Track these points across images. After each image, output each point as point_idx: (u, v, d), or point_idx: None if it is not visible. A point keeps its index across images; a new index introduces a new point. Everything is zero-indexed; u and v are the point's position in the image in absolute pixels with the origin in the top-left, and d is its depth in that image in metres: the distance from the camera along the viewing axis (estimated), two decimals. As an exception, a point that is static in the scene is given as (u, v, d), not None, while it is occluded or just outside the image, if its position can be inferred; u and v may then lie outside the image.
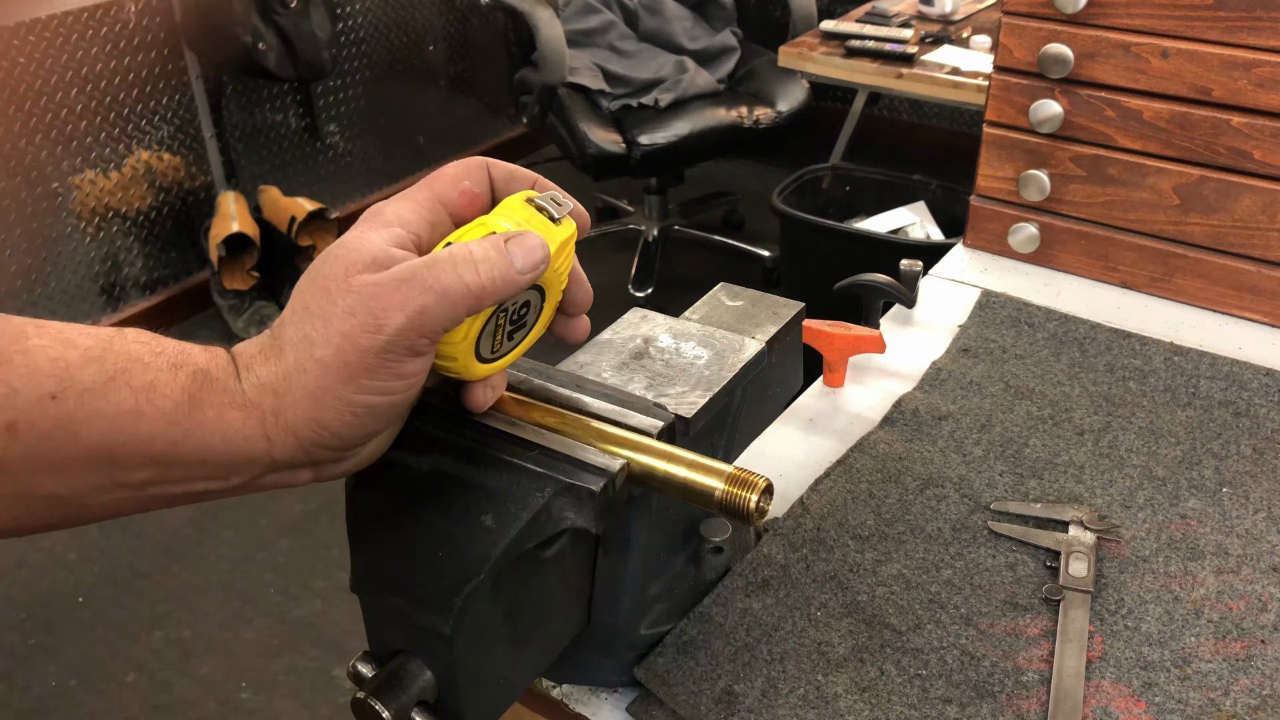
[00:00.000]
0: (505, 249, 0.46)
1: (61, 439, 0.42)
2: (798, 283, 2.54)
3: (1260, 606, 0.67)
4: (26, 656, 1.99)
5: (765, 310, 0.69)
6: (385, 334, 0.43)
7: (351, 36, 3.24)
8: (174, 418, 0.44)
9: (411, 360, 0.45)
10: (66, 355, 0.43)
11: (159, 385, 0.44)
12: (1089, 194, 1.00)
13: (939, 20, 2.57)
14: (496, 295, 0.45)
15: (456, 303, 0.44)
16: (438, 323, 0.44)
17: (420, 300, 0.44)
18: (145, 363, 0.44)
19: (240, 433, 0.45)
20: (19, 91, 2.53)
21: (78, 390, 0.42)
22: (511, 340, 0.51)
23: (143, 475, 0.44)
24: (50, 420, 0.42)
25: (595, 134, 2.69)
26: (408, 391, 0.46)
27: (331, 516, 2.31)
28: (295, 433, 0.45)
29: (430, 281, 0.44)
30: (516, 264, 0.46)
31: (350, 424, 0.45)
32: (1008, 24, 0.99)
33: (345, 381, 0.44)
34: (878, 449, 0.81)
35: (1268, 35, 0.87)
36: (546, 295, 0.51)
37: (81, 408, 0.42)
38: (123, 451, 0.43)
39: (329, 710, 1.88)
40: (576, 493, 0.50)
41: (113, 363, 0.44)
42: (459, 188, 0.50)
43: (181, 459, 0.44)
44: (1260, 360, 0.90)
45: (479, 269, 0.45)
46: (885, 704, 0.61)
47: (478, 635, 0.50)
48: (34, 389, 0.42)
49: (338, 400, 0.44)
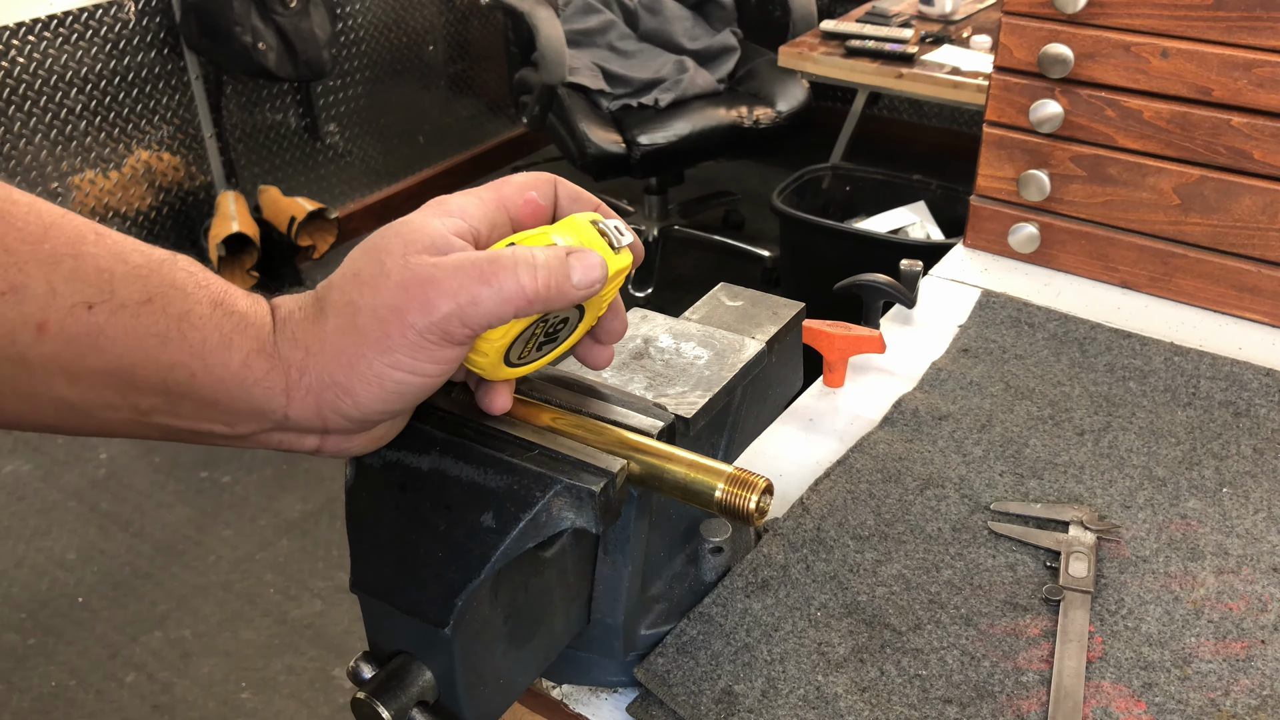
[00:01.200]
0: (567, 261, 0.46)
1: (86, 348, 0.42)
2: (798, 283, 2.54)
3: (1260, 607, 0.67)
4: (26, 656, 1.99)
5: (765, 310, 0.69)
6: (433, 316, 0.44)
7: (351, 36, 3.24)
8: (200, 351, 0.44)
9: (449, 347, 0.45)
10: (114, 268, 0.43)
11: (193, 317, 0.44)
12: (1089, 194, 1.00)
13: (939, 20, 2.57)
14: (547, 304, 0.46)
15: (508, 300, 0.44)
16: (485, 317, 0.44)
17: (474, 291, 0.44)
18: (187, 292, 0.45)
19: (261, 383, 0.45)
20: (19, 91, 2.53)
21: (114, 304, 0.43)
22: (540, 351, 0.51)
23: (152, 401, 0.45)
24: (81, 327, 0.42)
25: (595, 134, 2.69)
26: (438, 377, 0.46)
27: (331, 516, 2.31)
28: (317, 394, 0.45)
29: (489, 275, 0.44)
30: (575, 278, 0.46)
31: (376, 396, 0.45)
32: (1008, 24, 0.99)
33: (382, 353, 0.44)
34: (878, 449, 0.81)
35: (1268, 35, 0.87)
36: (585, 316, 0.52)
37: (113, 322, 0.43)
38: (141, 373, 0.44)
39: (329, 710, 1.88)
40: (576, 493, 0.50)
41: (155, 285, 0.44)
42: (525, 196, 0.50)
43: (195, 394, 0.45)
44: (1260, 360, 0.90)
45: (538, 274, 0.45)
46: (885, 704, 0.61)
47: (477, 635, 0.50)
48: (73, 295, 0.42)
49: (369, 369, 0.45)
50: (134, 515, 2.32)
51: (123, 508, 2.33)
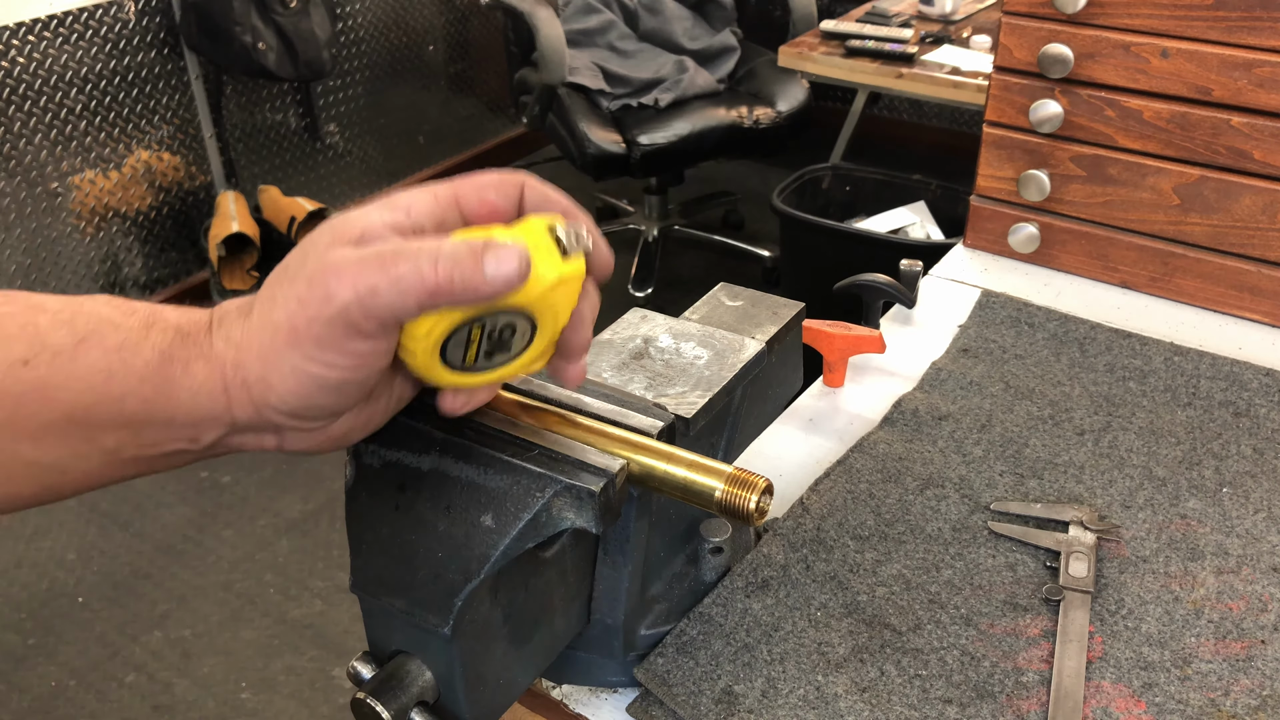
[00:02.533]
0: (480, 254, 0.44)
1: (36, 404, 0.43)
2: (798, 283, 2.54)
3: (1260, 607, 0.67)
4: (26, 657, 1.99)
5: (765, 310, 0.69)
6: (331, 306, 0.42)
7: (351, 36, 3.24)
8: (145, 374, 0.44)
9: (359, 340, 0.43)
10: (36, 320, 0.43)
11: (130, 344, 0.44)
12: (1089, 194, 1.00)
13: (939, 20, 2.57)
14: (454, 296, 0.43)
15: (407, 292, 0.43)
16: (386, 308, 0.43)
17: (373, 280, 0.42)
18: (116, 324, 0.44)
19: (204, 387, 0.45)
20: (19, 91, 2.53)
21: (49, 354, 0.43)
22: (490, 360, 0.49)
23: (117, 438, 0.45)
24: (23, 385, 0.42)
25: (595, 134, 2.69)
26: (357, 371, 0.45)
27: (331, 517, 2.31)
28: (249, 390, 0.45)
29: (389, 264, 0.43)
30: (487, 270, 0.43)
31: (295, 392, 0.44)
32: (1008, 24, 0.98)
33: (292, 346, 0.43)
34: (878, 449, 0.81)
35: (1268, 35, 0.87)
36: (539, 327, 0.48)
37: (54, 371, 0.43)
38: (96, 413, 0.44)
39: (328, 710, 1.88)
40: (576, 493, 0.50)
41: (83, 325, 0.44)
42: (482, 196, 0.49)
43: (153, 418, 0.45)
44: (1260, 360, 0.90)
45: (440, 264, 0.43)
46: (885, 704, 0.61)
47: (477, 635, 0.50)
48: (5, 356, 0.42)
49: (284, 363, 0.44)
50: (134, 515, 2.32)
51: (122, 508, 2.33)
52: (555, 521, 0.50)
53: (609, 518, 0.51)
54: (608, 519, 0.51)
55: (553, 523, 0.50)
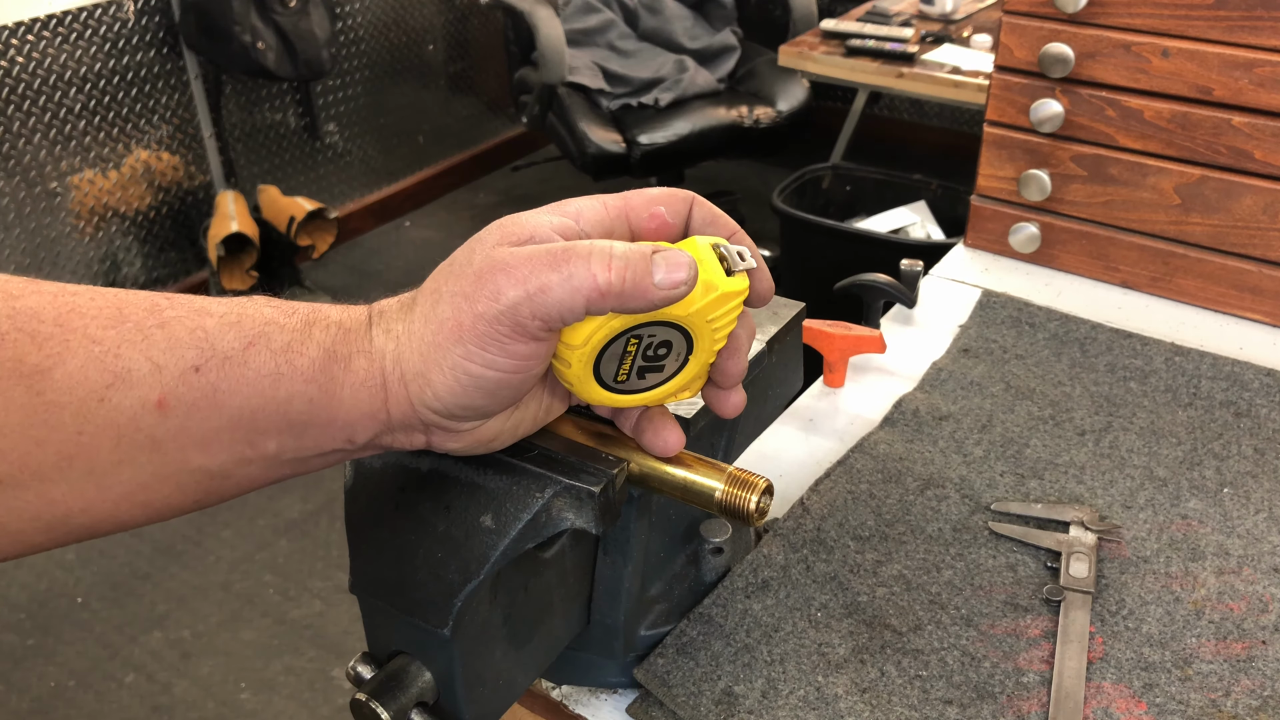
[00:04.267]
0: (650, 258, 0.43)
1: (207, 410, 0.42)
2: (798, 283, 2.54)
3: (1261, 607, 0.67)
4: (25, 657, 1.98)
5: (765, 310, 0.69)
6: (500, 304, 0.42)
7: (351, 36, 3.24)
8: (310, 374, 0.43)
9: (523, 341, 0.43)
10: (205, 324, 0.43)
11: (295, 345, 0.44)
12: (1090, 194, 1.00)
13: (939, 19, 2.57)
14: (624, 299, 0.43)
15: (578, 290, 0.42)
16: (554, 307, 0.42)
17: (544, 277, 0.42)
18: (280, 324, 0.44)
19: (364, 382, 0.44)
20: (18, 91, 2.53)
21: (219, 359, 0.42)
22: (642, 379, 0.48)
23: (279, 441, 0.44)
24: (196, 392, 0.42)
25: (595, 133, 2.69)
26: (517, 373, 0.44)
27: (331, 517, 2.31)
28: (407, 385, 0.44)
29: (560, 261, 0.42)
30: (656, 276, 0.43)
31: (451, 389, 0.44)
32: (1008, 23, 0.98)
33: (455, 343, 0.43)
34: (878, 449, 0.81)
35: (1268, 35, 0.87)
36: (695, 347, 0.47)
37: (224, 376, 0.42)
38: (262, 417, 0.43)
39: (328, 711, 1.88)
40: (576, 493, 0.50)
41: (250, 327, 0.43)
42: (653, 209, 0.48)
43: (316, 419, 0.44)
44: (1261, 360, 0.90)
45: (614, 264, 0.42)
46: (886, 705, 0.60)
47: (477, 636, 0.50)
48: (178, 363, 0.42)
49: (445, 359, 0.43)
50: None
51: (122, 508, 2.33)
52: (555, 522, 0.50)
53: (609, 518, 0.50)
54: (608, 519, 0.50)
55: (552, 523, 0.50)
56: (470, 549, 0.48)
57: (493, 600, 0.51)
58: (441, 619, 0.48)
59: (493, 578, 0.49)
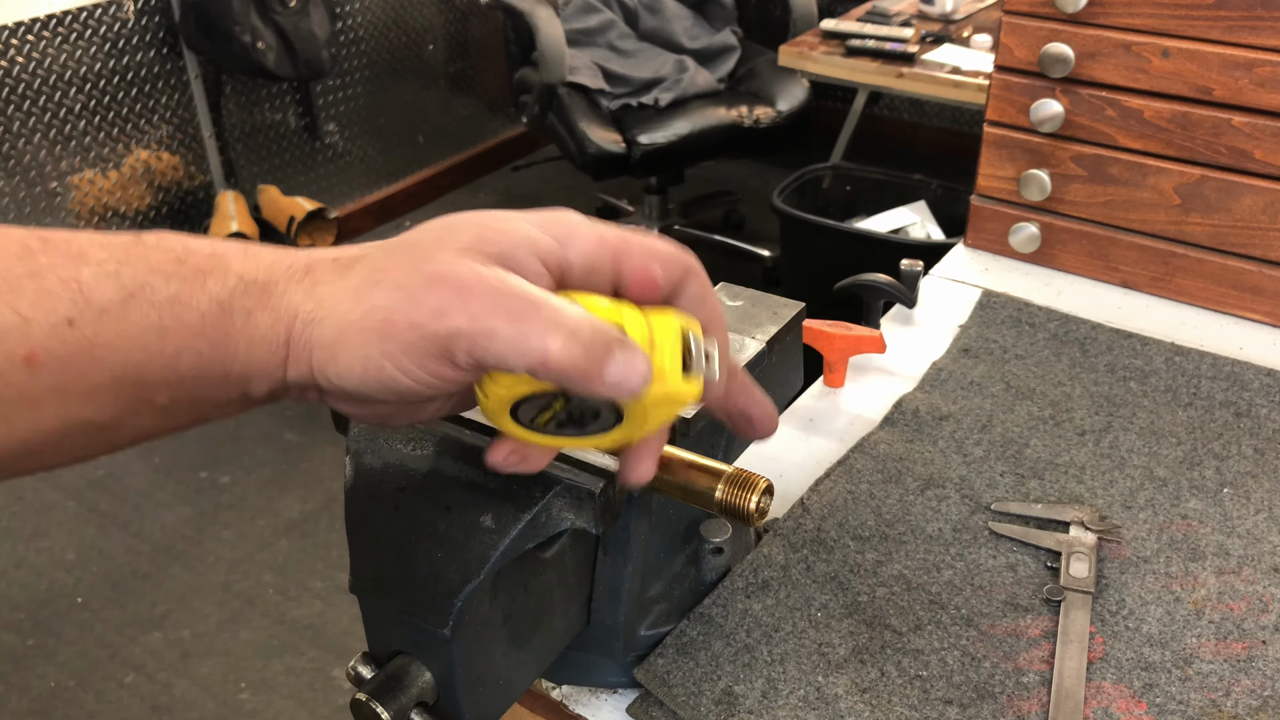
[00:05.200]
0: (610, 350, 0.40)
1: (85, 365, 0.40)
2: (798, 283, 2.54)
3: (1261, 607, 0.67)
4: (25, 657, 1.98)
5: (765, 310, 0.69)
6: (440, 325, 0.40)
7: (351, 36, 3.24)
8: (199, 329, 0.41)
9: (448, 367, 0.41)
10: (80, 274, 0.40)
11: (183, 297, 0.41)
12: (1090, 194, 1.00)
13: (939, 19, 2.57)
14: (567, 381, 0.40)
15: (524, 354, 0.40)
16: (493, 356, 0.40)
17: (493, 323, 0.40)
18: (167, 273, 0.41)
19: (264, 337, 0.42)
20: (18, 91, 2.53)
21: (95, 312, 0.40)
22: (560, 429, 0.45)
23: (170, 394, 0.42)
24: (70, 347, 0.39)
25: (595, 133, 2.69)
26: (429, 389, 0.42)
27: (331, 517, 2.31)
28: (312, 351, 0.42)
29: (520, 315, 0.40)
30: (609, 373, 0.40)
31: (359, 379, 0.41)
32: (1008, 23, 0.98)
33: (379, 339, 0.41)
34: (878, 449, 0.81)
35: (1268, 35, 0.87)
36: (624, 422, 0.45)
37: (101, 330, 0.40)
38: (149, 370, 0.41)
39: (328, 711, 1.88)
40: (576, 493, 0.50)
41: (130, 278, 0.40)
42: (648, 265, 0.45)
43: (208, 373, 0.42)
44: (1261, 360, 0.90)
45: (572, 346, 0.40)
46: (886, 705, 0.60)
47: (477, 636, 0.50)
48: (48, 316, 0.39)
49: (361, 349, 0.41)
50: (133, 515, 2.31)
51: (121, 508, 2.33)
52: (555, 522, 0.50)
53: (609, 518, 0.51)
54: (608, 519, 0.50)
55: (552, 523, 0.50)
56: (470, 549, 0.48)
57: (493, 600, 0.51)
58: (441, 619, 0.47)
59: (493, 578, 0.49)
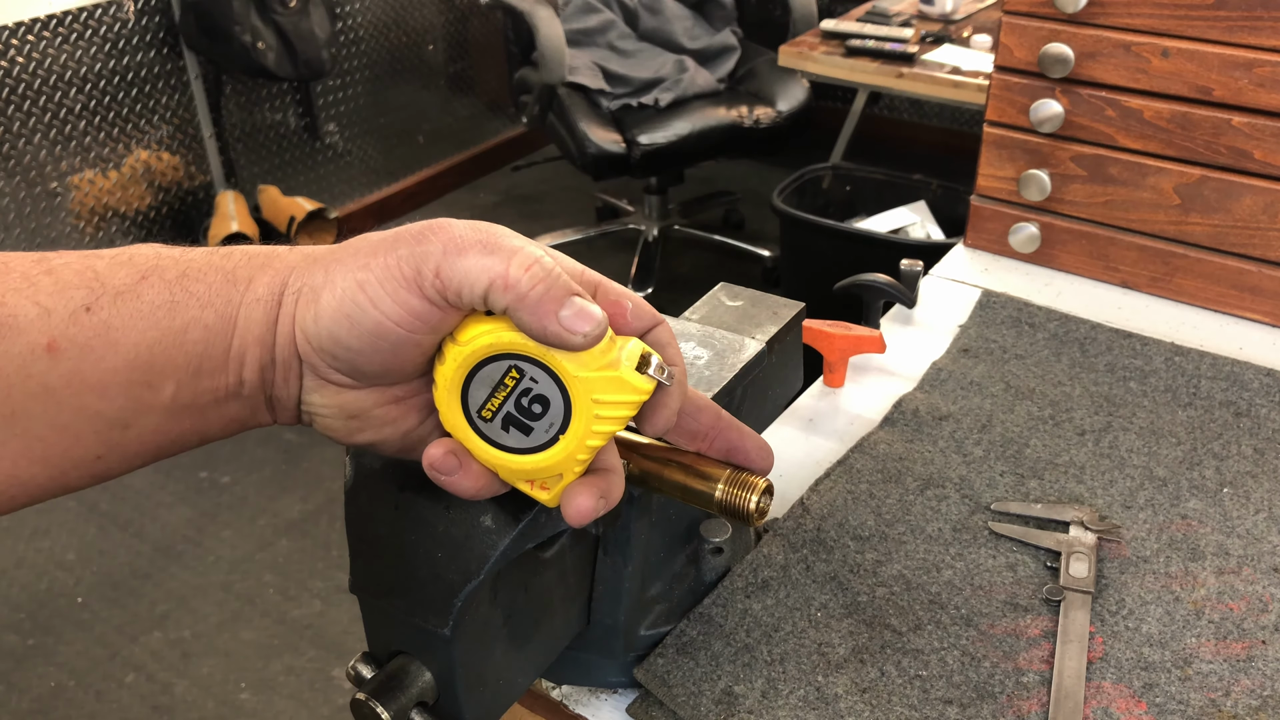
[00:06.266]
0: (569, 293, 0.43)
1: (102, 349, 0.41)
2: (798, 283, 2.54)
3: (1261, 607, 0.67)
4: (25, 657, 1.98)
5: (765, 310, 0.69)
6: (419, 246, 0.42)
7: (351, 36, 3.24)
8: (206, 299, 0.43)
9: (415, 295, 0.42)
10: (94, 266, 0.42)
11: (193, 272, 0.43)
12: (1090, 194, 1.00)
13: (939, 19, 2.57)
14: (523, 307, 0.42)
15: (487, 270, 0.42)
16: (458, 274, 0.42)
17: (464, 246, 0.42)
18: (176, 258, 0.44)
19: (261, 299, 0.44)
20: (19, 91, 2.53)
21: (111, 295, 0.42)
22: (505, 433, 0.45)
23: (178, 381, 0.43)
24: (88, 332, 0.41)
25: (595, 133, 2.69)
26: (397, 328, 0.43)
27: (331, 517, 2.31)
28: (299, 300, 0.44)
29: (489, 247, 0.42)
30: (564, 310, 0.42)
31: (334, 315, 0.43)
32: (1008, 23, 0.98)
33: (357, 267, 0.43)
34: (878, 449, 0.81)
35: (1268, 35, 0.87)
36: (570, 424, 0.45)
37: (117, 312, 0.42)
38: (159, 350, 0.42)
39: (328, 711, 1.88)
40: (576, 493, 0.49)
41: (143, 263, 0.43)
42: (620, 299, 0.47)
43: (212, 350, 0.43)
44: (1261, 360, 0.90)
45: (530, 270, 0.42)
46: (886, 705, 0.60)
47: (477, 636, 0.50)
48: (67, 304, 0.41)
49: (342, 278, 0.43)
50: (133, 515, 2.32)
51: (122, 508, 2.33)
52: (555, 521, 0.50)
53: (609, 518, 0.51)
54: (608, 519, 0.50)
55: (552, 523, 0.50)
56: (470, 549, 0.48)
57: (493, 600, 0.51)
58: (441, 619, 0.48)
59: (493, 578, 0.49)
